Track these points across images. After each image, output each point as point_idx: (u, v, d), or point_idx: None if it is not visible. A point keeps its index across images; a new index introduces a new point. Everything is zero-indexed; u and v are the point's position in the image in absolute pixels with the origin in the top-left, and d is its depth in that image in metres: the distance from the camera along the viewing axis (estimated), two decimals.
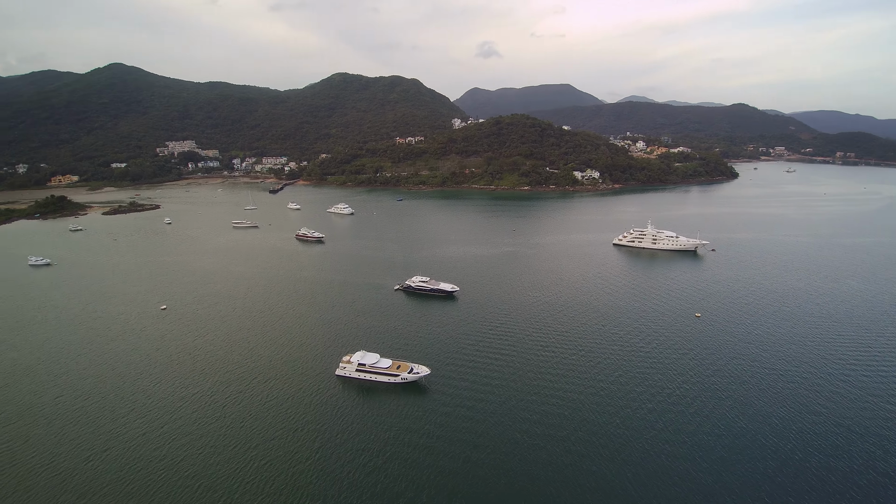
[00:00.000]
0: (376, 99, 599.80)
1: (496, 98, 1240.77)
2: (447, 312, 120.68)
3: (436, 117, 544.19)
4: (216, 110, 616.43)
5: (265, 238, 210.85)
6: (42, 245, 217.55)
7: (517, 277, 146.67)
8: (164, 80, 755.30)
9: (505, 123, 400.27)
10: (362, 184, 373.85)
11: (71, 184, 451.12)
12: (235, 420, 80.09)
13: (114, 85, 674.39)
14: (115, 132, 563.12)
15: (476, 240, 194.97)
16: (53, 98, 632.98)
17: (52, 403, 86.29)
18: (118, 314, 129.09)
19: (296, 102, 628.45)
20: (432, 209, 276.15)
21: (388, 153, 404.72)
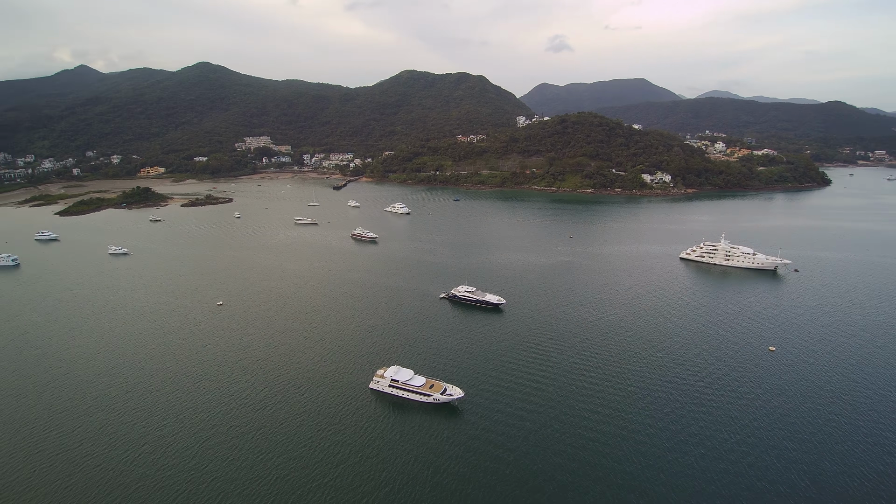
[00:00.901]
0: (442, 96, 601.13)
1: (565, 94, 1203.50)
2: (490, 327, 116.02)
3: (500, 115, 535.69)
4: (291, 107, 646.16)
5: (323, 236, 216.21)
6: (123, 234, 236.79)
7: (568, 292, 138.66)
8: (245, 79, 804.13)
9: (570, 122, 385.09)
10: (422, 182, 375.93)
11: (158, 175, 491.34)
12: (265, 426, 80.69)
13: (201, 83, 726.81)
14: (199, 127, 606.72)
15: (529, 246, 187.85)
16: (147, 94, 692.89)
17: (101, 394, 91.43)
18: (179, 307, 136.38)
19: (365, 100, 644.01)
20: (488, 211, 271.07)
21: (450, 151, 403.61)
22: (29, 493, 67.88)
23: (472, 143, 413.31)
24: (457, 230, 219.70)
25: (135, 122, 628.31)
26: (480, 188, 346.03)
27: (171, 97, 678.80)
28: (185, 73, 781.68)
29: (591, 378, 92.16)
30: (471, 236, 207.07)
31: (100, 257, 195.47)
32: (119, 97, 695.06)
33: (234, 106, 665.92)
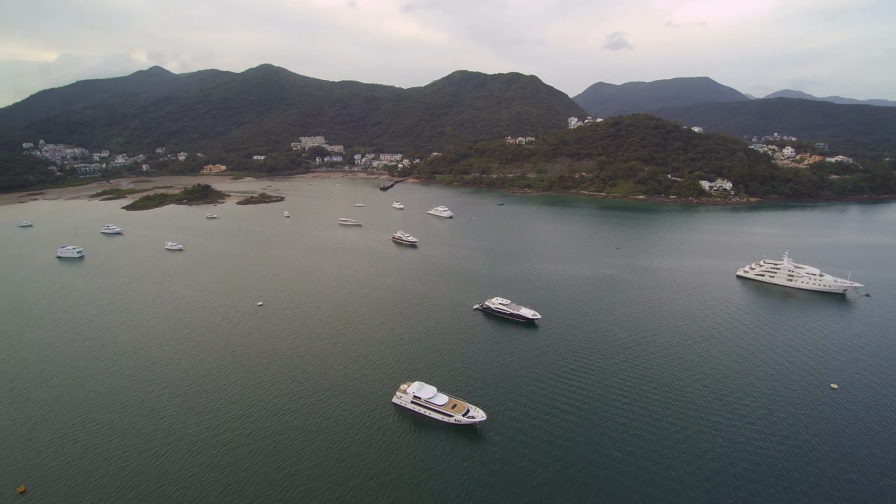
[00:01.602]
0: (492, 96, 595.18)
1: (622, 93, 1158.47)
2: (522, 343, 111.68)
3: (551, 115, 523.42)
4: (345, 108, 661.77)
5: (364, 238, 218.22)
6: (181, 230, 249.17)
7: (609, 309, 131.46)
8: (303, 80, 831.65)
9: (624, 124, 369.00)
10: (468, 184, 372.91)
11: (219, 172, 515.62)
12: (285, 435, 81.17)
13: (262, 84, 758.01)
14: (259, 127, 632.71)
15: (572, 256, 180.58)
16: (213, 95, 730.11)
17: (137, 391, 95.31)
18: (221, 306, 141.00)
19: (416, 100, 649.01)
20: (533, 216, 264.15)
21: (497, 153, 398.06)
22: (57, 483, 71.37)
23: (520, 145, 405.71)
24: (498, 236, 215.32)
25: (201, 122, 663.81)
26: (526, 192, 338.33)
27: (234, 98, 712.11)
28: (249, 74, 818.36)
29: (625, 407, 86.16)
30: (512, 243, 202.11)
31: (157, 252, 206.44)
32: (188, 97, 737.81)
33: (292, 106, 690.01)
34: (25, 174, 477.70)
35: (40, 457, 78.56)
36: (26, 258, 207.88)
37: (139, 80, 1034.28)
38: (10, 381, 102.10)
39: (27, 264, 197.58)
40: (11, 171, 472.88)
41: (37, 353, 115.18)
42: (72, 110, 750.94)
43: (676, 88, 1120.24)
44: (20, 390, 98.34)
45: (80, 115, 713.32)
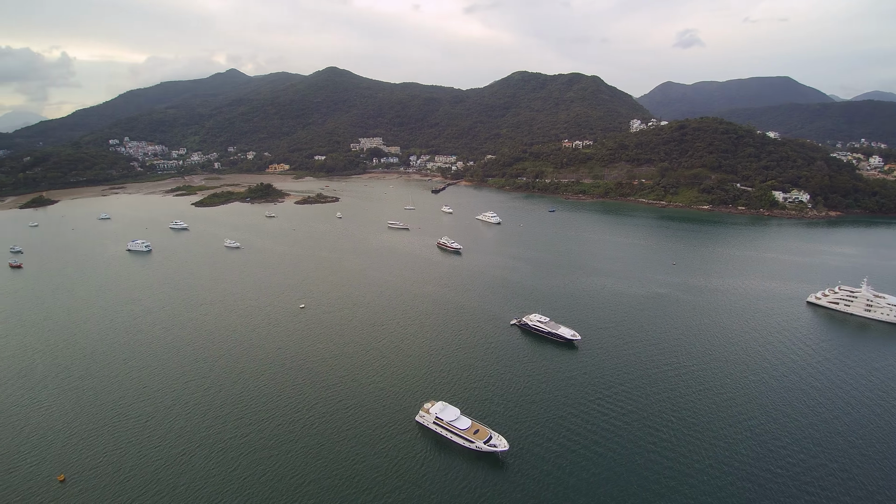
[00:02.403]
0: (551, 98, 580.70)
1: (692, 93, 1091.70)
2: (557, 367, 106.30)
3: (612, 118, 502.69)
4: (404, 109, 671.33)
5: (410, 242, 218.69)
6: (240, 228, 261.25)
7: (658, 332, 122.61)
8: (366, 82, 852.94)
9: (690, 128, 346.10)
10: (520, 188, 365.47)
11: (283, 171, 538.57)
12: (303, 442, 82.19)
13: (327, 86, 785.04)
14: (322, 128, 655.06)
15: (622, 271, 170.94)
16: (281, 96, 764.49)
17: (177, 386, 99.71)
18: (266, 305, 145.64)
19: (474, 102, 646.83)
20: (585, 224, 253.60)
21: (552, 157, 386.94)
22: (94, 474, 75.40)
23: (576, 148, 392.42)
24: (545, 245, 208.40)
25: (269, 122, 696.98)
26: (581, 198, 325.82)
27: (301, 99, 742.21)
28: (316, 77, 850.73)
29: (661, 449, 79.30)
30: (559, 254, 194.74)
31: (216, 249, 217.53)
32: (259, 99, 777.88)
33: (353, 108, 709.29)
34: (109, 169, 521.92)
35: (81, 447, 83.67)
36: (100, 250, 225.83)
37: (217, 82, 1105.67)
38: (66, 368, 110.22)
39: (100, 256, 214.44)
40: (97, 165, 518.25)
41: (93, 342, 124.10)
42: (155, 110, 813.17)
43: (753, 88, 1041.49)
44: (72, 379, 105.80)
45: (163, 114, 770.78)
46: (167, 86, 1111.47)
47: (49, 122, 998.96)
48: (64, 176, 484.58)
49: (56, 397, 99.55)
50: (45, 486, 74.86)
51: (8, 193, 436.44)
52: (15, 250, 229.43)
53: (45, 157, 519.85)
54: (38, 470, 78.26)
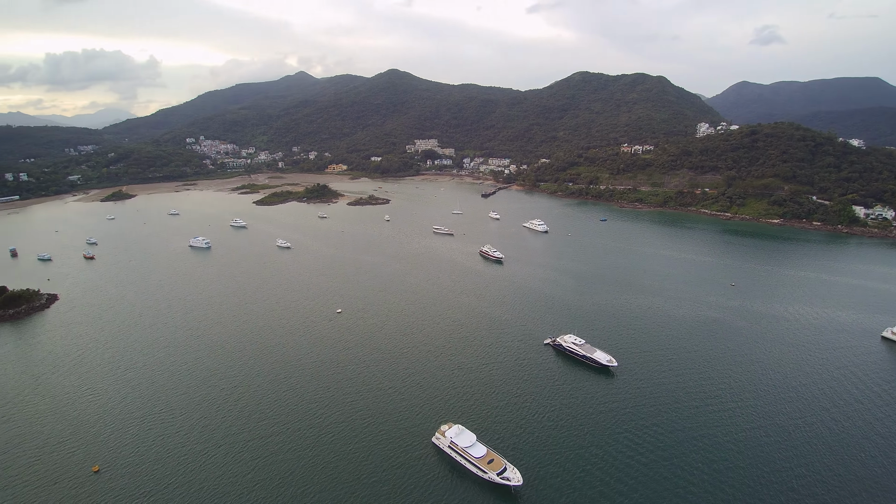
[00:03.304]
0: (613, 99, 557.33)
1: (769, 94, 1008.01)
2: (588, 395, 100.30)
3: (677, 121, 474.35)
4: (461, 111, 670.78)
5: (452, 249, 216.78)
6: (293, 228, 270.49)
7: (706, 362, 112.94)
8: (425, 83, 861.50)
9: (762, 134, 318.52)
10: (573, 195, 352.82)
11: (341, 172, 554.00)
12: (319, 457, 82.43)
13: (387, 88, 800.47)
14: (381, 130, 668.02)
15: (673, 290, 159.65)
16: (344, 98, 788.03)
17: (212, 384, 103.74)
18: (304, 309, 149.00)
19: (531, 103, 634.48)
20: (638, 236, 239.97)
21: (608, 163, 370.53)
22: (128, 465, 78.99)
23: (635, 154, 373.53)
24: (592, 258, 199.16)
25: (331, 123, 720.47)
26: (637, 207, 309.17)
27: (362, 101, 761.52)
28: (377, 79, 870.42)
29: (695, 492, 72.37)
30: (605, 267, 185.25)
31: (269, 249, 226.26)
32: (323, 100, 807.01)
33: (411, 110, 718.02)
34: (184, 166, 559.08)
35: (117, 438, 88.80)
36: (165, 245, 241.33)
37: (286, 84, 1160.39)
38: (114, 360, 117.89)
39: (164, 251, 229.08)
40: (173, 162, 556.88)
41: (143, 336, 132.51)
42: (229, 110, 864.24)
43: (837, 90, 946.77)
44: (118, 370, 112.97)
45: (235, 114, 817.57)
46: (241, 87, 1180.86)
47: (135, 119, 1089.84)
48: (143, 172, 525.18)
49: (102, 387, 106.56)
50: (80, 475, 79.70)
51: (93, 186, 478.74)
52: (91, 242, 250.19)
53: (127, 154, 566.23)
54: (75, 458, 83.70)
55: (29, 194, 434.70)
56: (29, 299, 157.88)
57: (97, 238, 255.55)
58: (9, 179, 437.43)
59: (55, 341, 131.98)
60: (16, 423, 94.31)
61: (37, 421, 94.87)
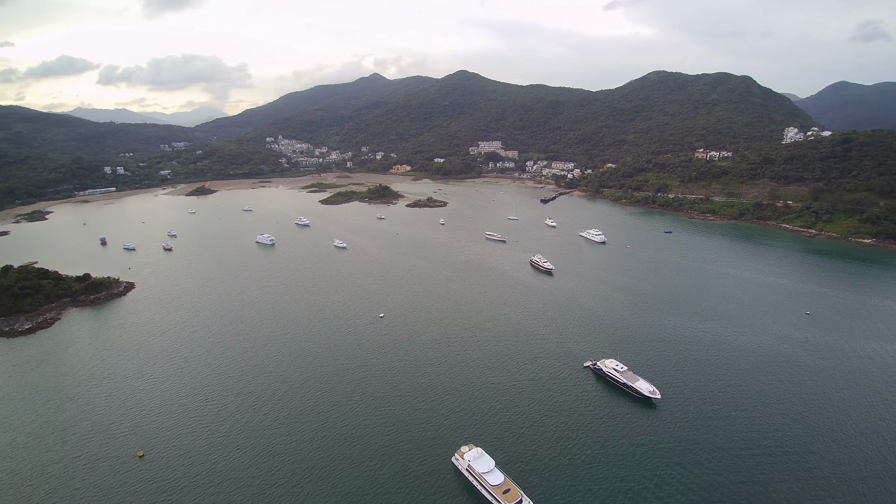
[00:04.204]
0: (691, 100, 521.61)
1: (871, 95, 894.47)
2: (627, 427, 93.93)
3: (761, 125, 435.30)
4: (527, 112, 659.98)
5: (502, 257, 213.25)
6: (352, 228, 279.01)
7: (766, 403, 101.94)
8: (492, 84, 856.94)
9: (858, 142, 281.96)
10: (638, 203, 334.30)
11: (404, 172, 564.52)
12: (341, 462, 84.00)
13: (455, 90, 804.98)
14: (446, 131, 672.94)
15: (737, 315, 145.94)
16: (412, 100, 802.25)
17: (253, 380, 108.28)
18: (349, 311, 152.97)
19: (601, 104, 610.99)
20: (705, 251, 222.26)
21: (679, 169, 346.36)
22: (171, 452, 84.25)
23: (710, 160, 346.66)
24: (650, 273, 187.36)
25: (399, 124, 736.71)
26: (708, 218, 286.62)
27: (430, 103, 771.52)
28: (446, 80, 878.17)
29: None
30: (663, 285, 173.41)
31: (326, 248, 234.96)
32: (393, 102, 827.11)
33: (477, 111, 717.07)
34: (261, 164, 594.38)
35: (164, 426, 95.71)
36: (235, 240, 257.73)
37: (361, 86, 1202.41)
38: (174, 348, 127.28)
39: (233, 246, 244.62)
40: (252, 160, 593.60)
41: (202, 327, 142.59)
42: (306, 111, 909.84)
43: None
44: (176, 359, 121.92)
45: (312, 115, 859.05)
46: (319, 89, 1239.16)
47: (224, 118, 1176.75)
48: (225, 168, 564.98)
49: (156, 374, 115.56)
50: (126, 459, 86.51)
51: (181, 181, 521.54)
52: (171, 234, 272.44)
53: (212, 151, 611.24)
54: (123, 443, 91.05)
55: (124, 186, 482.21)
56: (109, 286, 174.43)
57: (177, 231, 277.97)
58: (107, 173, 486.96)
59: (125, 327, 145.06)
60: (78, 401, 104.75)
61: (95, 401, 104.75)
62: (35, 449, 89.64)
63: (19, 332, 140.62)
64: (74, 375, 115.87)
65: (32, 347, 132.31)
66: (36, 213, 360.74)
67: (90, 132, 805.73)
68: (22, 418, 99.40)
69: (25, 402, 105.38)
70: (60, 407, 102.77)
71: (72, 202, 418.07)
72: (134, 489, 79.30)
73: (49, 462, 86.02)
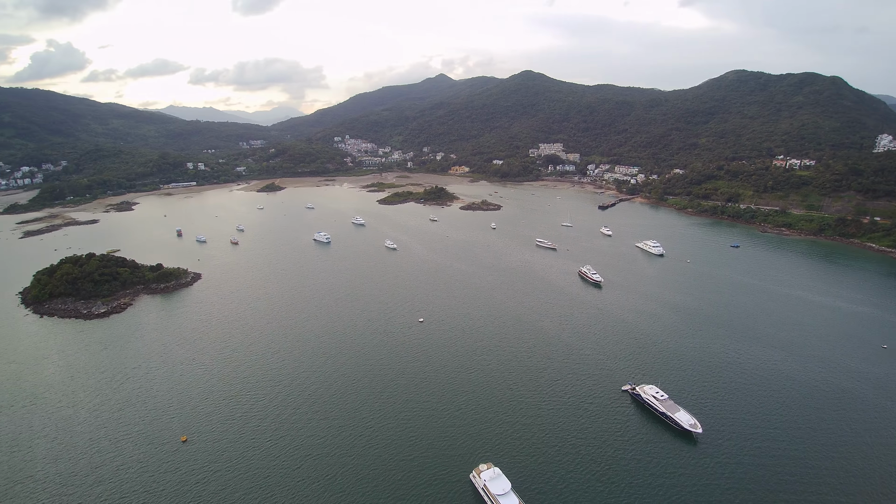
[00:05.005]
0: (772, 102, 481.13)
1: None
2: (661, 461, 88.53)
3: (851, 131, 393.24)
4: (592, 114, 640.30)
5: (550, 266, 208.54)
6: (404, 229, 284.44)
7: (825, 448, 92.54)
8: (557, 85, 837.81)
9: None
10: (705, 212, 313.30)
11: (462, 174, 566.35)
12: (362, 466, 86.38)
13: (519, 90, 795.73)
14: (507, 132, 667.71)
15: (801, 344, 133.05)
16: (475, 101, 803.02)
17: (288, 375, 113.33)
18: (390, 313, 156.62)
19: (672, 105, 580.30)
20: (776, 269, 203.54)
21: (754, 178, 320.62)
22: (212, 438, 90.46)
23: (790, 169, 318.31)
24: (708, 292, 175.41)
25: (460, 125, 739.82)
26: (783, 233, 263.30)
27: (492, 104, 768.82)
28: (510, 81, 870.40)
29: None
30: (722, 305, 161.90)
31: (377, 249, 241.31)
32: (456, 103, 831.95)
33: (540, 112, 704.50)
34: (327, 163, 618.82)
35: (206, 413, 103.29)
36: (295, 237, 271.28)
37: (426, 87, 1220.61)
38: (226, 339, 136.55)
39: (292, 242, 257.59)
40: (319, 159, 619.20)
41: (253, 320, 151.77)
42: (373, 111, 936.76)
43: None
44: (227, 349, 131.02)
45: (378, 115, 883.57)
46: (386, 90, 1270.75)
47: (298, 118, 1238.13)
48: (294, 166, 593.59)
49: (207, 363, 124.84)
50: (170, 443, 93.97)
51: (254, 178, 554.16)
52: (239, 229, 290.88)
53: (284, 150, 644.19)
54: (168, 426, 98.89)
55: (204, 181, 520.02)
56: (178, 276, 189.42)
57: (245, 226, 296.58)
58: (189, 168, 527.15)
59: (186, 315, 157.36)
60: (135, 383, 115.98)
61: (150, 384, 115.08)
62: (92, 424, 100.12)
63: (95, 314, 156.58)
64: (136, 358, 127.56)
65: (104, 329, 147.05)
66: (124, 203, 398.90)
67: (178, 129, 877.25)
68: (86, 394, 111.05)
69: (91, 379, 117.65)
70: (120, 387, 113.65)
71: (157, 195, 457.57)
72: (174, 471, 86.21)
73: (102, 437, 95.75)
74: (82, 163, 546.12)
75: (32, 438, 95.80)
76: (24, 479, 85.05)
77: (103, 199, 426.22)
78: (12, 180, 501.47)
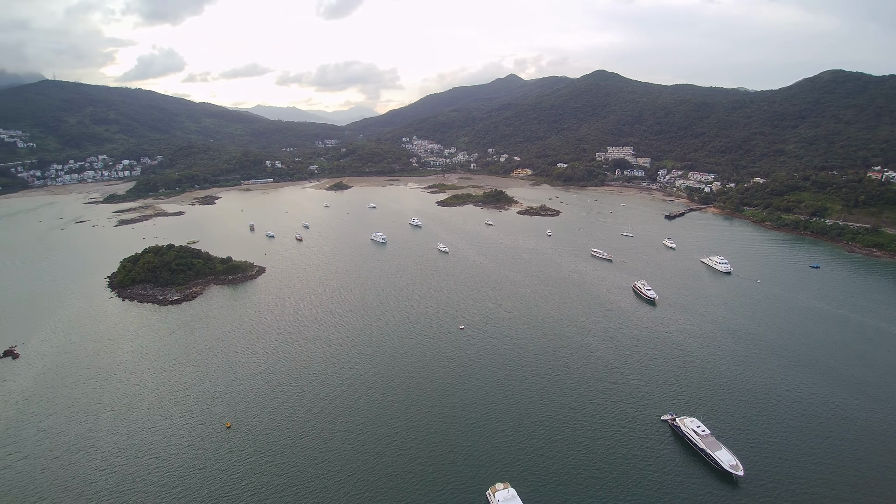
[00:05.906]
0: (873, 106, 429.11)
1: None
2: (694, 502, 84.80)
3: None
4: (667, 115, 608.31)
5: (603, 278, 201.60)
6: (459, 233, 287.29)
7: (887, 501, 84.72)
8: (632, 85, 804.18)
9: None
10: (785, 227, 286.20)
11: (524, 177, 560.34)
12: (385, 471, 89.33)
13: (589, 91, 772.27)
14: (574, 134, 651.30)
15: (877, 385, 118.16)
16: (543, 102, 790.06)
17: (325, 374, 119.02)
18: (433, 318, 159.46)
19: (757, 108, 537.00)
20: (860, 296, 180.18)
21: (844, 190, 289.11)
22: (254, 423, 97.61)
23: (887, 181, 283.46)
24: (776, 317, 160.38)
25: (527, 127, 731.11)
26: (873, 254, 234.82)
27: (561, 105, 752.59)
28: (581, 81, 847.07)
29: None
30: (789, 333, 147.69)
31: (430, 252, 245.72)
32: (524, 104, 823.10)
33: (611, 114, 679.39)
34: (394, 163, 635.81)
35: (250, 401, 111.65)
36: (354, 235, 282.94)
37: (495, 87, 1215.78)
38: (277, 331, 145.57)
39: (352, 241, 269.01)
40: (386, 159, 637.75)
41: (305, 315, 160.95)
42: (441, 112, 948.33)
43: None
44: (275, 342, 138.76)
45: (446, 116, 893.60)
46: (456, 90, 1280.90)
47: (371, 118, 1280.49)
48: (362, 166, 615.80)
49: (259, 352, 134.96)
50: (216, 429, 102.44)
51: (325, 176, 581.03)
52: (305, 226, 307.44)
53: (354, 150, 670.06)
54: (215, 412, 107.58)
55: (279, 178, 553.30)
56: (244, 269, 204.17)
57: (310, 223, 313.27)
58: (267, 166, 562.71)
59: (248, 307, 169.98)
60: (196, 368, 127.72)
61: (208, 370, 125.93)
62: (153, 403, 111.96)
63: (169, 301, 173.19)
64: (198, 344, 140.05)
65: (175, 315, 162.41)
66: (208, 197, 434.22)
67: (262, 128, 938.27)
68: (151, 375, 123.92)
69: (157, 361, 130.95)
70: (181, 370, 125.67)
71: (237, 190, 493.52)
72: (217, 457, 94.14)
73: (158, 416, 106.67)
74: (175, 158, 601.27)
75: (100, 412, 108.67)
76: (86, 448, 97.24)
77: (191, 192, 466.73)
78: (114, 172, 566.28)
